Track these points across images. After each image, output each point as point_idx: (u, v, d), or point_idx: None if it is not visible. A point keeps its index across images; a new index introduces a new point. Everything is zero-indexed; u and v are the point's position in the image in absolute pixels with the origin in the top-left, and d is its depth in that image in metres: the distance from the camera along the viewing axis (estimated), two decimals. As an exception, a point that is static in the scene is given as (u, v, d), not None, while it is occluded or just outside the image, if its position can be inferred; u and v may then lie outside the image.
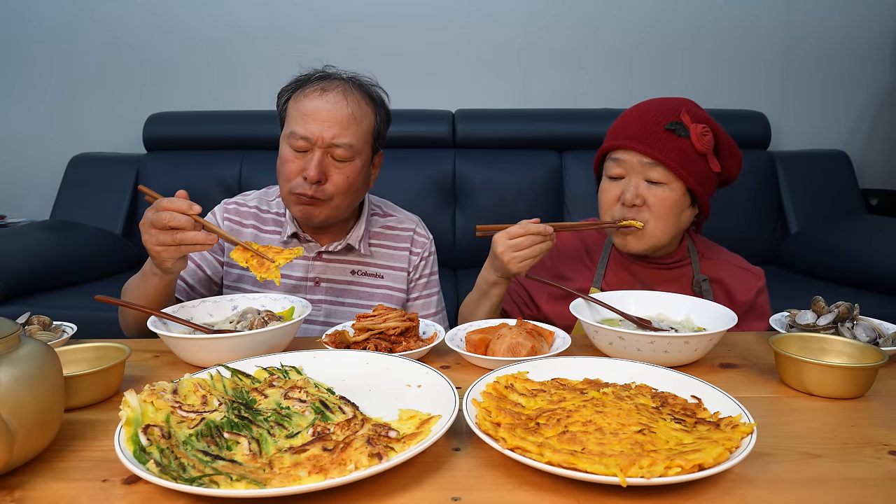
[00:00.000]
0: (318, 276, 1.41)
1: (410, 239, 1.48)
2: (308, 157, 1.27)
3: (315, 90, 1.29)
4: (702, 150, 1.20)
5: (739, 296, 1.31)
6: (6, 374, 0.62)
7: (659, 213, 1.21)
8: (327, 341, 1.01)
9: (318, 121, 1.26)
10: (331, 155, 1.28)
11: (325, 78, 1.33)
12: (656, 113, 1.22)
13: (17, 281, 2.23)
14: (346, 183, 1.29)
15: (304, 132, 1.26)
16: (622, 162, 1.24)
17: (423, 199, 2.82)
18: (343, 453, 0.63)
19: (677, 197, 1.21)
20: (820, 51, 3.15)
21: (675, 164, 1.19)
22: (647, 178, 1.22)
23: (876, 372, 0.86)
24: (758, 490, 0.62)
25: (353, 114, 1.28)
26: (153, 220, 1.05)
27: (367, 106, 1.32)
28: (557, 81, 3.18)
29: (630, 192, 1.22)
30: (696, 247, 1.36)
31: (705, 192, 1.24)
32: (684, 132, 1.19)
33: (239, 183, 2.83)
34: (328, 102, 1.27)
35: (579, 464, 0.60)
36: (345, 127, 1.26)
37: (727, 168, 1.27)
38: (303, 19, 3.12)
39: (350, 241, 1.40)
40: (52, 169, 3.06)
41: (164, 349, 1.06)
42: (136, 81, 3.17)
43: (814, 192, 2.91)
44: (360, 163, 1.31)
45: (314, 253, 1.40)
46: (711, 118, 1.26)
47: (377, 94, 1.37)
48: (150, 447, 0.63)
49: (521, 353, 0.95)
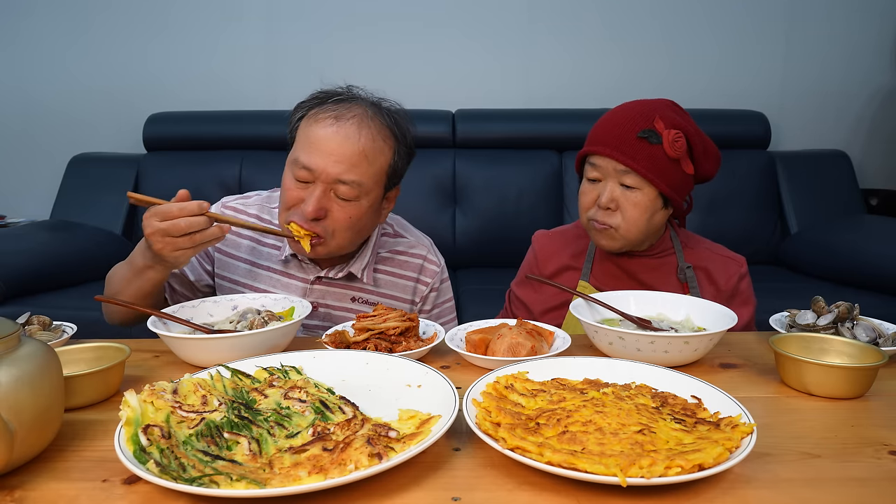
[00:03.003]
0: (316, 301, 1.31)
1: (419, 267, 1.38)
2: (309, 190, 1.16)
3: (328, 116, 1.16)
4: (674, 155, 1.24)
5: (722, 283, 1.36)
6: (6, 374, 0.62)
7: (631, 217, 1.27)
8: (327, 341, 1.01)
9: (325, 153, 1.14)
10: (334, 191, 1.16)
11: (344, 101, 1.19)
12: (631, 119, 1.26)
13: (17, 281, 2.23)
14: (348, 222, 1.18)
15: (307, 162, 1.14)
16: (599, 166, 1.29)
17: (424, 200, 2.82)
18: (343, 453, 0.63)
19: (649, 201, 1.26)
20: (820, 51, 3.15)
21: (646, 170, 1.23)
22: (621, 182, 1.26)
23: (876, 372, 0.86)
24: (758, 490, 0.62)
25: (365, 151, 1.15)
26: (168, 229, 0.99)
27: (384, 142, 1.19)
28: (557, 81, 3.18)
29: (605, 196, 1.27)
30: (679, 237, 1.41)
31: (678, 195, 1.29)
32: (656, 139, 1.23)
33: (239, 183, 2.83)
34: (339, 134, 1.14)
35: (579, 464, 0.60)
36: (354, 164, 1.14)
37: (703, 169, 1.31)
38: (303, 19, 3.12)
39: (352, 269, 1.30)
40: (52, 169, 3.06)
41: (164, 349, 1.06)
42: (137, 81, 3.17)
43: (814, 192, 2.91)
44: (366, 203, 1.18)
45: (313, 277, 1.30)
46: (689, 119, 1.29)
47: (401, 125, 1.24)
48: (150, 447, 0.63)
49: (521, 353, 0.95)
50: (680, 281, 1.35)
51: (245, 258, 1.32)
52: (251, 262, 1.32)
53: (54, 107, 3.19)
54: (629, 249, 1.35)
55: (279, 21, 3.12)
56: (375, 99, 1.24)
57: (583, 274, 1.40)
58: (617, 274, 1.38)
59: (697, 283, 1.35)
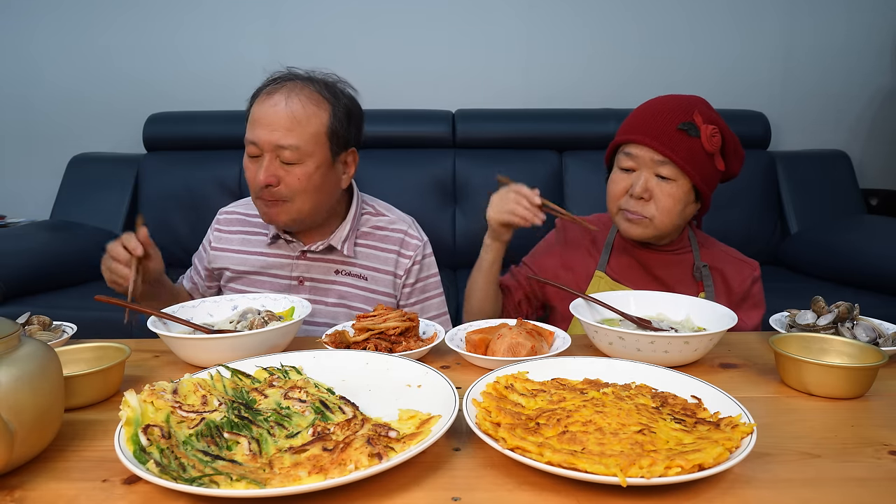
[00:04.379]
0: (301, 275, 1.41)
1: (400, 241, 1.45)
2: (259, 162, 1.28)
3: (264, 94, 1.30)
4: (710, 150, 1.26)
5: (736, 285, 1.36)
6: (6, 374, 0.62)
7: (665, 207, 1.27)
8: (327, 341, 1.01)
9: (263, 125, 1.26)
10: (280, 158, 1.27)
11: (280, 80, 1.32)
12: (671, 111, 1.27)
13: (17, 281, 2.23)
14: (299, 184, 1.28)
15: (251, 137, 1.28)
16: (634, 156, 1.29)
17: (423, 199, 2.82)
18: (343, 453, 0.63)
19: (683, 193, 1.27)
20: (820, 51, 3.15)
21: (684, 162, 1.24)
22: (657, 172, 1.27)
23: (876, 372, 0.86)
24: (758, 490, 0.62)
25: (296, 115, 1.26)
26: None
27: (316, 106, 1.29)
28: (557, 81, 3.18)
29: (639, 186, 1.27)
30: (696, 237, 1.42)
31: (709, 189, 1.31)
32: (695, 132, 1.25)
33: (239, 183, 2.82)
34: (272, 106, 1.27)
35: (579, 464, 0.60)
36: (288, 129, 1.26)
37: (731, 167, 1.34)
38: (303, 19, 3.12)
39: (332, 241, 1.39)
40: (52, 169, 3.06)
41: (164, 349, 1.06)
42: (137, 81, 3.17)
43: (814, 192, 2.91)
44: (312, 164, 1.29)
45: (297, 252, 1.41)
46: (720, 118, 1.31)
47: (334, 91, 1.34)
48: (150, 447, 0.63)
49: (521, 353, 0.95)
50: (695, 279, 1.36)
51: (236, 248, 1.46)
52: (242, 250, 1.45)
53: (54, 107, 3.18)
54: (655, 241, 1.35)
55: (279, 21, 3.12)
56: (308, 73, 1.36)
57: (599, 264, 1.41)
58: (633, 265, 1.39)
59: (712, 283, 1.35)
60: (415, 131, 2.96)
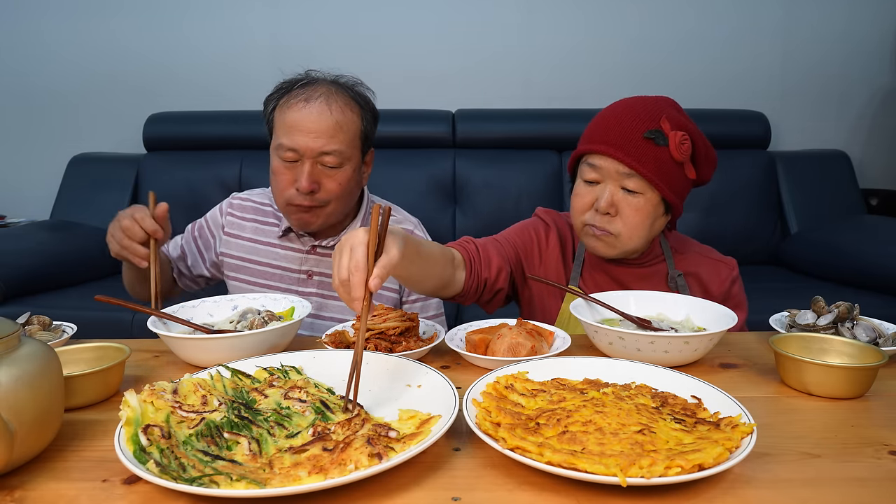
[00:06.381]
0: (310, 270, 1.43)
1: None
2: (299, 168, 1.28)
3: (299, 100, 1.29)
4: (679, 159, 1.17)
5: (714, 288, 1.31)
6: (6, 374, 0.62)
7: (632, 223, 1.19)
8: (327, 341, 1.01)
9: (305, 132, 1.27)
10: (320, 163, 1.29)
11: (308, 84, 1.32)
12: (636, 117, 1.18)
13: (17, 281, 2.23)
14: (340, 189, 1.32)
15: (291, 144, 1.27)
16: (599, 167, 1.20)
17: (423, 200, 2.82)
18: (343, 453, 0.63)
19: (651, 207, 1.19)
20: (820, 51, 3.15)
21: (652, 174, 1.15)
22: (622, 185, 1.18)
23: (876, 372, 0.86)
24: (758, 490, 0.62)
25: (339, 121, 1.28)
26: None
27: (352, 111, 1.32)
28: (557, 81, 3.18)
29: (604, 200, 1.18)
30: (668, 243, 1.35)
31: (679, 200, 1.22)
32: (663, 141, 1.15)
33: (239, 183, 2.82)
34: (312, 113, 1.27)
35: (579, 464, 0.60)
36: (332, 136, 1.27)
37: (702, 174, 1.25)
38: (304, 19, 3.12)
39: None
40: (52, 169, 3.06)
41: (164, 349, 1.06)
42: (137, 81, 3.17)
43: (814, 192, 2.91)
44: (350, 168, 1.32)
45: (308, 246, 1.43)
46: (690, 120, 1.22)
47: (362, 95, 1.36)
48: (150, 447, 0.63)
49: (521, 353, 0.95)
50: (671, 290, 1.29)
51: (248, 237, 1.47)
52: (254, 239, 1.46)
53: (55, 107, 3.19)
54: (624, 256, 1.27)
55: (280, 21, 3.12)
56: (333, 77, 1.37)
57: (571, 278, 1.33)
58: (606, 281, 1.33)
59: (689, 291, 1.30)
60: (415, 131, 2.96)
